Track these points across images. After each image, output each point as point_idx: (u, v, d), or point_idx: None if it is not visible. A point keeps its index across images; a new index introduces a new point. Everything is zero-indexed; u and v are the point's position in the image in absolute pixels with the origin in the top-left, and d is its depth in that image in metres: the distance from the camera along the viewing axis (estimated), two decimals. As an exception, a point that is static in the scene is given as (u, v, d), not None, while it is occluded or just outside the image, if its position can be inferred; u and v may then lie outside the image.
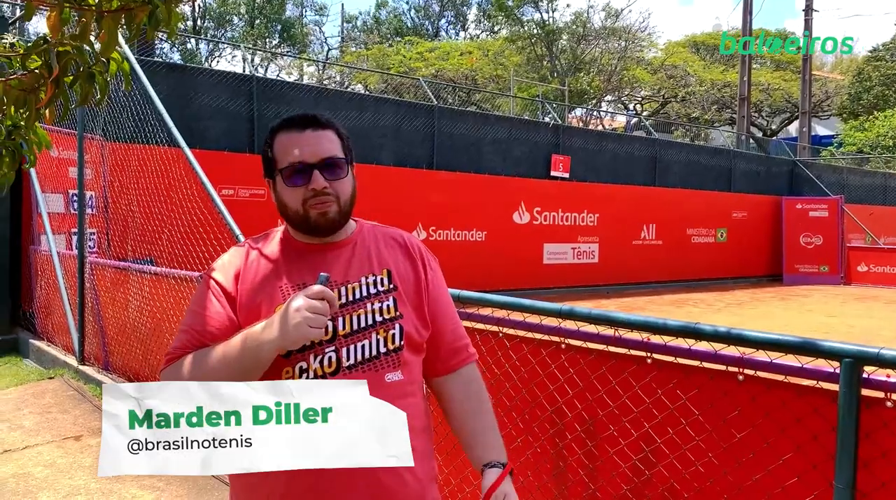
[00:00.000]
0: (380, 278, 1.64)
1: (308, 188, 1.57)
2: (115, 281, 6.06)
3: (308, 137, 1.59)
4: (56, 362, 6.79)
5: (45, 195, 7.55)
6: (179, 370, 1.50)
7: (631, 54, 33.72)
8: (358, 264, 1.64)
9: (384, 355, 1.57)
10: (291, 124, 1.62)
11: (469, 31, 44.04)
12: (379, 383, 1.53)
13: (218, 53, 39.37)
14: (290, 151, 1.59)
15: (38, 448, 4.79)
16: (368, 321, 1.58)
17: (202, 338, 1.54)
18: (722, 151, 21.47)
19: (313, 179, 1.57)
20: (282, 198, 1.61)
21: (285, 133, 1.61)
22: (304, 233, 1.63)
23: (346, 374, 1.52)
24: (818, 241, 19.81)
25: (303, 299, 1.41)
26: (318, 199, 1.57)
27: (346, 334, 1.55)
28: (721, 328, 2.14)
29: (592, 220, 16.28)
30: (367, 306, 1.59)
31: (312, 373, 1.51)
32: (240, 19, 39.98)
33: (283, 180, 1.59)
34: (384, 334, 1.58)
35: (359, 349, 1.55)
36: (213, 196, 4.80)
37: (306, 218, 1.58)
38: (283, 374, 1.51)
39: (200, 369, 1.48)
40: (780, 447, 2.05)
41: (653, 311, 12.95)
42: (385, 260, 1.67)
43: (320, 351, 1.52)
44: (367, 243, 1.69)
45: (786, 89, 35.32)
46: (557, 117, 19.00)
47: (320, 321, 1.40)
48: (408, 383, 1.60)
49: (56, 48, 2.11)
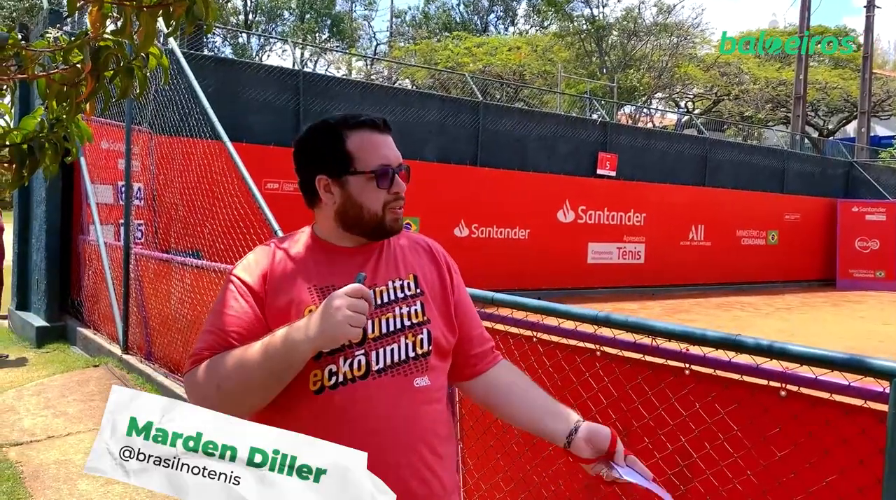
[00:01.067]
0: (407, 282, 1.62)
1: (391, 192, 1.57)
2: (158, 272, 6.15)
3: (388, 140, 1.60)
4: (101, 351, 6.93)
5: (94, 186, 7.71)
6: (209, 371, 1.47)
7: (682, 51, 33.09)
8: (385, 268, 1.62)
9: (413, 360, 1.55)
10: (372, 125, 1.60)
11: (518, 27, 43.81)
12: (408, 388, 1.52)
13: (269, 48, 39.89)
14: (379, 152, 1.58)
15: (80, 436, 4.88)
16: (397, 325, 1.56)
17: (229, 339, 1.50)
18: (775, 151, 20.93)
19: (397, 183, 1.58)
20: (359, 199, 1.57)
21: (367, 132, 1.59)
22: (359, 235, 1.60)
23: (376, 377, 1.50)
24: (874, 245, 19.19)
25: (344, 297, 1.38)
26: (398, 203, 1.59)
27: (376, 337, 1.53)
28: (763, 341, 2.04)
29: (639, 219, 16.02)
30: (396, 310, 1.57)
31: (342, 376, 1.48)
32: (290, 14, 40.43)
33: (373, 181, 1.57)
34: (413, 339, 1.56)
35: (388, 353, 1.53)
36: (252, 190, 4.82)
37: (381, 221, 1.58)
38: (311, 376, 1.47)
39: (229, 371, 1.44)
40: (823, 467, 1.94)
41: (699, 314, 12.69)
42: (411, 265, 1.66)
43: (350, 354, 1.49)
44: (394, 248, 1.67)
45: (844, 88, 34.27)
46: (605, 114, 18.73)
47: (360, 320, 1.38)
48: (434, 389, 1.58)
49: (96, 43, 2.12)
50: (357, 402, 1.48)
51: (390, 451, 1.47)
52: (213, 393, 1.47)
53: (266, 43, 39.11)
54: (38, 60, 2.18)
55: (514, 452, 2.64)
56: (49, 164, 2.44)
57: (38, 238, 8.30)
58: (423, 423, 1.54)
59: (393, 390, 1.51)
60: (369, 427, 1.47)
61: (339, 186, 1.58)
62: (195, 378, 1.50)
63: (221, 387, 1.46)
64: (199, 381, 1.49)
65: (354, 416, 1.47)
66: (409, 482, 1.48)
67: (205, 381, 1.47)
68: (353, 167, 1.57)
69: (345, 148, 1.57)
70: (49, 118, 2.37)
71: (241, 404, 1.50)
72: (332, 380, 1.48)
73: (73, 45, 2.17)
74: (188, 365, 1.53)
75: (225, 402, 1.47)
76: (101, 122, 7.40)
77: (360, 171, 1.56)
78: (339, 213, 1.59)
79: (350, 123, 1.59)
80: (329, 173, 1.59)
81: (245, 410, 1.56)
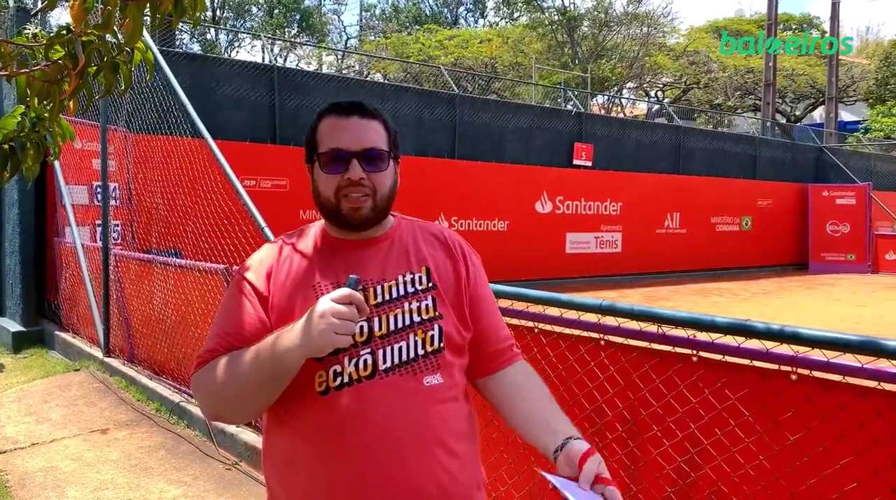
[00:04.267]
0: (418, 275, 1.55)
1: (344, 177, 1.48)
2: (139, 273, 6.04)
3: (353, 123, 1.51)
4: (81, 354, 6.80)
5: (69, 187, 7.55)
6: (209, 375, 1.44)
7: (653, 40, 33.29)
8: (395, 261, 1.55)
9: (423, 358, 1.48)
10: (338, 109, 1.54)
11: (488, 19, 43.74)
12: (417, 388, 1.46)
13: (237, 44, 39.43)
14: (332, 137, 1.51)
15: (65, 442, 4.78)
16: (406, 322, 1.49)
17: (233, 341, 1.46)
18: (746, 138, 21.16)
19: (350, 167, 1.48)
20: (316, 184, 1.54)
21: (330, 118, 1.54)
22: (336, 226, 1.54)
23: (383, 377, 1.44)
24: (845, 229, 19.50)
25: (328, 304, 1.32)
26: (353, 189, 1.48)
27: (383, 335, 1.46)
28: (774, 326, 2.04)
29: (615, 209, 16.11)
30: (405, 306, 1.50)
31: (347, 376, 1.43)
32: (258, 9, 39.96)
33: (321, 166, 1.52)
34: (423, 336, 1.49)
35: (396, 351, 1.46)
36: (237, 187, 4.74)
37: (337, 209, 1.50)
38: (316, 377, 1.43)
39: (230, 374, 1.41)
40: (837, 451, 1.95)
41: (678, 301, 12.80)
42: (424, 257, 1.58)
43: (355, 354, 1.43)
44: (406, 240, 1.60)
45: (810, 74, 34.72)
46: (580, 105, 18.79)
47: (347, 328, 1.32)
48: (448, 388, 1.51)
49: (80, 38, 2.04)
50: (364, 403, 1.42)
51: (401, 453, 1.41)
52: (215, 396, 1.45)
53: (235, 38, 38.66)
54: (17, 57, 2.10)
55: (517, 444, 2.62)
56: (31, 164, 2.36)
57: (12, 241, 8.11)
58: (435, 422, 1.47)
59: (401, 389, 1.45)
60: (378, 430, 1.41)
61: (310, 174, 1.57)
62: (199, 382, 1.48)
63: (220, 393, 1.44)
64: (201, 385, 1.47)
65: (361, 418, 1.41)
66: (423, 485, 1.43)
67: (206, 386, 1.45)
68: (314, 152, 1.54)
69: (314, 135, 1.55)
70: (30, 117, 2.29)
71: (241, 409, 1.49)
72: (338, 381, 1.42)
73: (54, 40, 2.09)
74: (194, 367, 1.50)
75: (227, 405, 1.47)
76: (73, 121, 7.24)
77: (317, 155, 1.53)
78: (313, 200, 1.56)
79: (325, 109, 1.57)
80: (307, 161, 1.59)
81: (247, 414, 1.55)
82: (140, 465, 4.36)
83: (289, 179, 11.38)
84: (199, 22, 2.40)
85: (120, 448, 4.64)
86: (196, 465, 4.36)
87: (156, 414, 5.25)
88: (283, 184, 11.35)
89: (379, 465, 1.40)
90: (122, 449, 4.63)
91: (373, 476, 1.40)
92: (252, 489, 4.03)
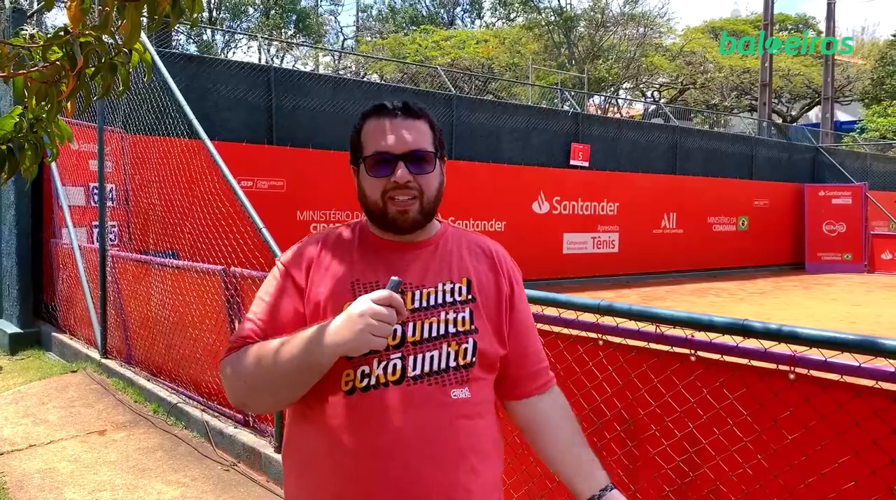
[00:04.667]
0: (458, 286, 1.51)
1: (390, 180, 1.46)
2: (136, 274, 6.03)
3: (397, 124, 1.49)
4: (79, 356, 6.79)
5: (65, 188, 7.54)
6: (240, 361, 1.43)
7: (649, 41, 33.33)
8: (437, 268, 1.52)
9: (453, 370, 1.45)
10: (382, 110, 1.52)
11: (485, 20, 43.76)
12: (444, 400, 1.43)
13: (234, 44, 39.39)
14: (377, 139, 1.49)
15: (63, 443, 4.77)
16: (440, 331, 1.46)
17: (267, 329, 1.45)
18: (743, 138, 21.18)
19: (397, 170, 1.46)
20: (362, 187, 1.52)
21: (375, 119, 1.52)
22: (381, 228, 1.53)
23: (411, 384, 1.41)
24: (841, 228, 19.53)
25: (368, 304, 1.31)
26: (400, 192, 1.47)
27: (416, 341, 1.44)
28: (772, 325, 2.05)
29: (612, 209, 16.12)
30: (441, 315, 1.47)
31: (375, 379, 1.41)
32: (255, 10, 39.92)
33: (366, 169, 1.50)
34: (456, 347, 1.46)
35: (426, 360, 1.43)
36: (234, 188, 4.74)
37: (384, 212, 1.48)
38: (343, 376, 1.41)
39: (262, 363, 1.39)
40: (835, 450, 1.95)
41: (675, 301, 12.81)
42: (466, 268, 1.54)
43: (385, 357, 1.42)
44: (450, 248, 1.57)
45: (806, 75, 34.80)
46: (576, 105, 18.80)
47: (385, 330, 1.30)
48: (475, 403, 1.47)
49: (77, 39, 2.04)
50: (388, 408, 1.40)
51: (417, 465, 1.39)
52: (241, 386, 1.44)
53: (231, 39, 38.62)
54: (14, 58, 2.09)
55: (516, 444, 2.62)
56: (29, 165, 2.36)
57: (8, 243, 8.09)
58: (458, 437, 1.43)
59: (427, 399, 1.42)
60: (396, 435, 1.39)
61: (356, 176, 1.55)
62: (228, 367, 1.46)
63: (249, 381, 1.42)
64: (230, 371, 1.45)
65: (384, 423, 1.39)
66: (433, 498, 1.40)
67: (235, 372, 1.44)
68: (359, 155, 1.52)
69: (359, 136, 1.54)
70: (28, 118, 2.29)
71: (268, 400, 1.47)
72: (364, 382, 1.41)
73: (52, 41, 2.09)
74: (225, 352, 1.49)
75: (253, 394, 1.45)
76: (70, 122, 7.23)
77: (363, 159, 1.51)
78: (359, 202, 1.54)
79: (369, 110, 1.54)
80: (352, 163, 1.57)
81: (273, 405, 1.53)
82: (138, 466, 4.36)
83: (286, 179, 11.38)
84: (197, 23, 2.37)
85: (118, 450, 4.64)
86: (194, 466, 4.36)
87: (153, 415, 5.25)
88: (280, 185, 11.35)
89: (391, 470, 1.38)
90: (120, 450, 4.62)
91: (383, 481, 1.38)
92: (250, 490, 4.03)
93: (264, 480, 4.14)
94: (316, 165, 11.69)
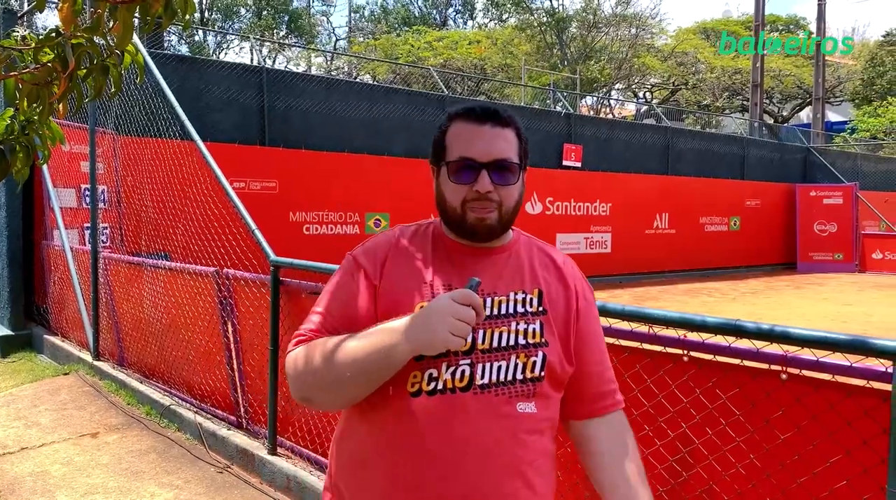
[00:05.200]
0: (530, 297, 1.48)
1: (472, 189, 1.43)
2: (128, 276, 6.01)
3: (485, 132, 1.45)
4: (71, 358, 6.76)
5: (56, 190, 7.51)
6: (310, 355, 1.39)
7: (641, 42, 33.43)
8: (509, 276, 1.49)
9: (521, 383, 1.41)
10: (471, 115, 1.47)
11: (477, 20, 43.80)
12: (510, 413, 1.39)
13: (226, 45, 39.31)
14: (464, 145, 1.45)
15: (55, 446, 4.75)
16: (510, 341, 1.42)
17: (337, 324, 1.43)
18: (735, 139, 21.28)
19: (479, 179, 1.42)
20: (442, 192, 1.48)
21: (463, 123, 1.47)
22: (458, 234, 1.49)
23: (478, 393, 1.37)
24: (832, 228, 19.63)
25: (449, 302, 1.28)
26: (480, 203, 1.43)
27: (485, 349, 1.40)
28: (764, 325, 2.05)
29: (605, 209, 16.17)
30: (512, 325, 1.43)
31: (442, 383, 1.37)
32: (247, 10, 39.86)
33: (448, 174, 1.46)
34: (525, 360, 1.42)
35: (495, 369, 1.39)
36: (227, 189, 4.73)
37: (463, 219, 1.45)
38: (409, 377, 1.37)
39: (331, 359, 1.36)
40: (827, 449, 1.96)
41: (667, 301, 12.85)
42: (538, 279, 1.51)
43: (454, 361, 1.38)
44: (522, 257, 1.54)
45: (797, 75, 34.97)
46: (569, 106, 18.84)
47: (464, 330, 1.28)
48: (540, 419, 1.43)
49: (69, 41, 2.03)
50: (453, 415, 1.36)
51: (476, 477, 1.35)
52: (310, 380, 1.40)
53: (223, 40, 38.54)
54: (5, 60, 2.08)
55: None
56: (20, 167, 2.35)
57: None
58: (522, 453, 1.40)
59: (493, 410, 1.38)
60: (460, 444, 1.35)
61: (435, 177, 1.52)
62: (295, 360, 1.42)
63: (317, 376, 1.38)
64: (297, 364, 1.41)
65: (447, 430, 1.36)
66: None
67: (303, 366, 1.40)
68: (442, 158, 1.48)
69: (444, 138, 1.49)
70: (19, 120, 2.28)
71: (335, 396, 1.42)
72: (431, 385, 1.37)
73: (44, 43, 2.08)
74: (293, 344, 1.45)
75: (321, 390, 1.41)
76: (62, 123, 7.20)
77: (445, 162, 1.47)
78: (436, 204, 1.51)
79: (457, 112, 1.50)
80: (433, 163, 1.53)
81: (339, 402, 1.45)
82: (131, 469, 4.35)
83: (278, 180, 11.37)
84: (190, 25, 2.39)
85: (110, 452, 4.62)
86: (187, 468, 4.35)
87: (146, 418, 5.23)
88: (273, 186, 11.33)
89: (448, 478, 1.35)
90: (113, 453, 4.60)
91: (439, 487, 1.35)
92: (244, 493, 4.03)
93: (258, 482, 4.14)
94: (309, 166, 11.69)
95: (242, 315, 4.53)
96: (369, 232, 12.26)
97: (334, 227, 12.19)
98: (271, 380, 4.11)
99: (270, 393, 4.12)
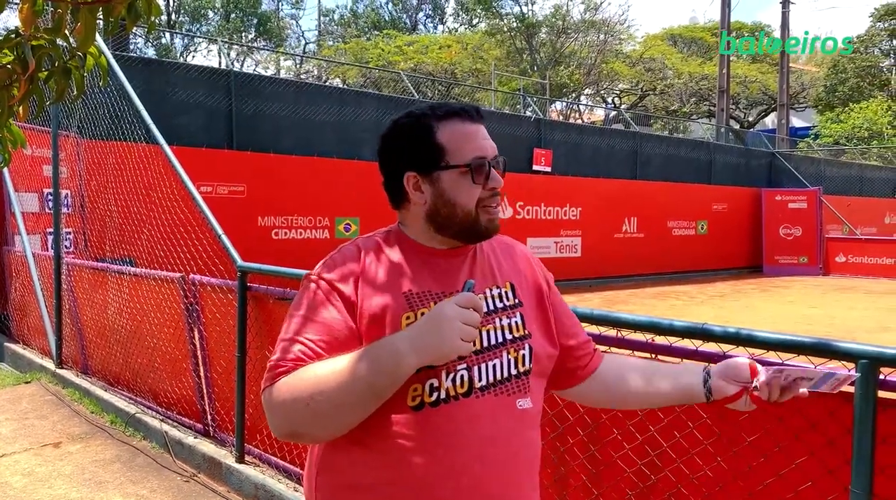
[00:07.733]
0: (504, 291, 1.46)
1: (487, 187, 1.41)
2: (92, 282, 5.90)
3: (482, 130, 1.44)
4: (32, 366, 6.62)
5: (18, 194, 7.35)
6: (296, 386, 1.27)
7: (610, 47, 33.77)
8: (481, 273, 1.46)
9: (515, 378, 1.40)
10: (463, 114, 1.44)
11: (447, 25, 43.89)
12: (511, 411, 1.38)
13: (193, 48, 38.90)
14: (473, 144, 1.41)
15: (16, 457, 4.64)
16: (499, 338, 1.41)
17: (317, 349, 1.31)
18: (702, 144, 21.56)
19: (494, 177, 1.41)
20: (451, 196, 1.40)
21: (458, 123, 1.43)
22: (451, 237, 1.43)
23: (479, 396, 1.35)
24: (797, 232, 19.96)
25: (455, 308, 1.24)
26: (493, 200, 1.42)
27: (478, 351, 1.37)
28: (730, 329, 2.07)
29: (575, 214, 16.27)
30: (496, 322, 1.41)
31: (444, 392, 1.33)
32: (215, 13, 39.51)
33: (468, 176, 1.40)
34: (515, 354, 1.41)
35: (490, 369, 1.37)
36: (193, 194, 4.66)
37: (475, 221, 1.41)
38: (410, 390, 1.31)
39: (325, 385, 1.25)
40: (793, 451, 1.98)
41: (636, 304, 12.96)
42: (506, 272, 1.50)
43: (452, 368, 1.33)
44: (486, 251, 1.51)
45: (762, 81, 35.57)
46: (538, 111, 18.94)
47: (472, 334, 1.24)
48: (535, 414, 1.43)
49: (29, 42, 1.98)
50: (459, 423, 1.32)
51: (488, 482, 1.32)
52: (303, 409, 1.27)
53: (191, 43, 38.14)
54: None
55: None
56: (-20, 171, 2.30)
57: (-42, 251, 7.87)
58: (527, 452, 1.39)
59: (496, 411, 1.36)
60: (472, 453, 1.31)
61: (430, 183, 1.42)
62: (278, 394, 1.29)
63: (312, 404, 1.26)
64: (283, 397, 1.28)
65: (456, 438, 1.31)
66: None
67: (292, 397, 1.27)
68: (444, 161, 1.40)
69: (435, 140, 1.41)
70: (-23, 124, 2.22)
71: (334, 423, 1.29)
72: (434, 396, 1.32)
73: (2, 44, 2.03)
74: (267, 380, 1.32)
75: (316, 420, 1.28)
76: (24, 126, 7.06)
77: (453, 165, 1.40)
78: (431, 212, 1.42)
79: (439, 113, 1.43)
80: (419, 169, 1.43)
81: (336, 429, 1.32)
82: (94, 479, 4.26)
83: (246, 185, 11.26)
84: (155, 27, 2.35)
85: (73, 462, 4.52)
86: (153, 478, 4.27)
87: (110, 426, 5.13)
88: (241, 190, 11.22)
89: (469, 491, 1.31)
90: (76, 463, 4.51)
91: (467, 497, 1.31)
92: (211, 501, 3.96)
93: (225, 490, 4.08)
94: (277, 170, 11.59)
95: (209, 322, 4.47)
96: (340, 237, 12.19)
97: (304, 231, 12.10)
98: (238, 387, 4.05)
99: (238, 400, 4.07)
